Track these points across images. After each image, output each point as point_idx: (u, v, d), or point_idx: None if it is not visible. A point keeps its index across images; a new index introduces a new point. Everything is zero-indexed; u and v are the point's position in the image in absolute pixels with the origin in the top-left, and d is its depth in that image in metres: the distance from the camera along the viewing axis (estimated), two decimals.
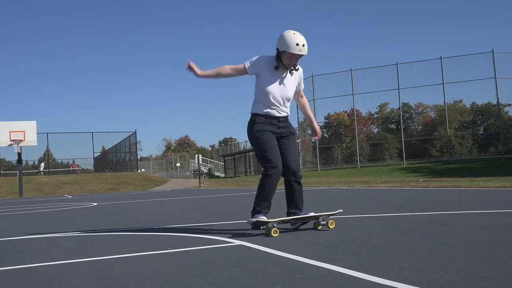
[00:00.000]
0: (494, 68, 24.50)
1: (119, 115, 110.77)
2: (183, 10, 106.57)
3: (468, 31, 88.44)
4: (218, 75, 4.04)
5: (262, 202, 3.91)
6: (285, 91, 3.99)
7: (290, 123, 4.16)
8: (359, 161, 30.49)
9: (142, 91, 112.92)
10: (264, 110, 3.96)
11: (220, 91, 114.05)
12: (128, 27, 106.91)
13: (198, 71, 3.97)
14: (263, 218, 3.84)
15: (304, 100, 4.36)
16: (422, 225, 4.08)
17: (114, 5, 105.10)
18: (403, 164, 26.80)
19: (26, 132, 22.87)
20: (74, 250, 3.60)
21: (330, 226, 3.98)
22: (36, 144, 24.37)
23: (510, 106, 29.47)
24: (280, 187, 3.95)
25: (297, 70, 4.07)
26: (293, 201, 4.03)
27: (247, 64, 3.96)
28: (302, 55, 3.88)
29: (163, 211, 7.78)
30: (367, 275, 2.25)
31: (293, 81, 4.07)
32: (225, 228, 4.49)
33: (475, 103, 33.67)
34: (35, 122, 23.62)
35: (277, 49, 3.89)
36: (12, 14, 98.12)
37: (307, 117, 4.38)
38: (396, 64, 26.97)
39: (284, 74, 4.00)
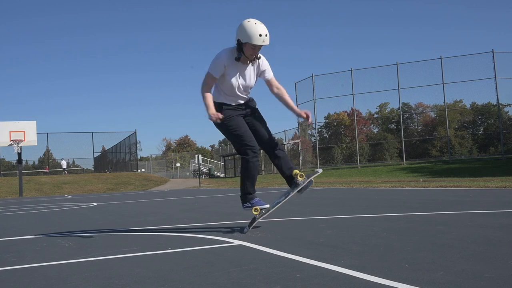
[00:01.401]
0: (494, 68, 24.49)
1: (119, 115, 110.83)
2: (184, 10, 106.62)
3: (468, 31, 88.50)
4: (211, 99, 4.02)
5: (251, 186, 4.02)
6: (247, 82, 4.01)
7: (251, 99, 4.18)
8: (359, 161, 30.48)
9: (142, 91, 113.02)
10: (230, 101, 4.03)
11: None
12: (128, 27, 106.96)
13: (214, 111, 3.93)
14: (266, 205, 4.00)
15: (281, 90, 4.16)
16: (422, 225, 4.08)
17: (114, 5, 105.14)
18: (403, 164, 26.80)
19: (26, 132, 22.87)
20: (74, 250, 3.60)
21: (300, 178, 4.07)
22: (36, 144, 24.37)
23: (510, 106, 29.43)
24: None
25: (259, 58, 4.01)
26: (284, 165, 4.11)
27: (213, 74, 3.94)
28: (265, 45, 3.82)
29: (163, 211, 7.78)
30: (367, 275, 2.25)
31: (254, 70, 4.05)
32: (225, 228, 4.49)
33: (475, 103, 33.67)
34: (35, 122, 23.63)
35: (238, 40, 3.82)
36: (12, 14, 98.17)
37: (286, 106, 4.15)
38: (396, 64, 26.97)
39: (246, 65, 3.98)
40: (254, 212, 4.02)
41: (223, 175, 45.90)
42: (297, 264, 2.62)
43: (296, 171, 4.07)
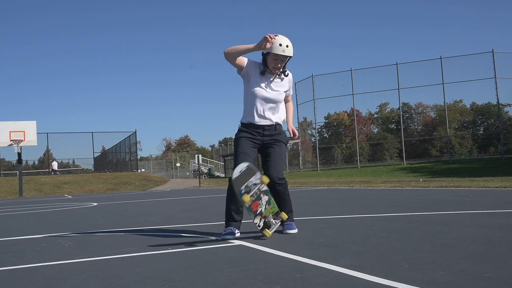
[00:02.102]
0: (494, 68, 24.51)
1: (119, 115, 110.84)
2: (184, 10, 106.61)
3: (468, 31, 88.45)
4: (234, 55, 3.82)
5: (232, 209, 3.81)
6: (271, 97, 3.86)
7: (281, 131, 4.00)
8: (359, 161, 30.49)
9: (142, 91, 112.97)
10: (248, 119, 3.89)
11: (220, 91, 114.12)
12: (128, 27, 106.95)
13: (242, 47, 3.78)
14: (229, 237, 3.73)
15: (289, 104, 4.16)
16: (422, 225, 4.08)
17: (114, 5, 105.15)
18: (403, 164, 26.81)
19: (26, 132, 22.87)
20: (74, 250, 3.60)
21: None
22: (36, 144, 24.37)
23: (510, 106, 29.45)
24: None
25: (286, 75, 3.93)
26: (281, 206, 3.86)
27: (246, 62, 3.86)
28: (287, 56, 3.75)
29: (163, 211, 7.78)
30: (367, 275, 2.25)
31: (280, 86, 3.92)
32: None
33: (475, 103, 33.68)
34: (35, 122, 23.62)
35: (262, 52, 3.79)
36: (12, 14, 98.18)
37: (286, 119, 4.15)
38: (396, 64, 26.98)
39: (271, 79, 3.88)
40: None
41: (223, 175, 45.90)
42: (297, 264, 2.62)
43: (284, 215, 3.78)
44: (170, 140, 78.29)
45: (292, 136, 4.07)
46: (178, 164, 49.19)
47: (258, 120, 3.87)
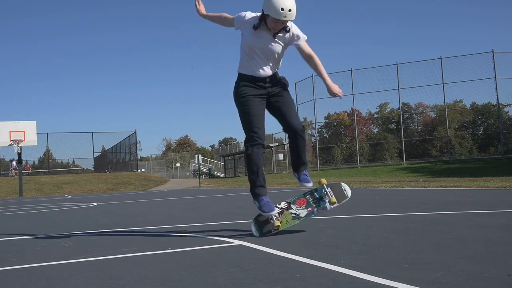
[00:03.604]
0: (494, 68, 24.49)
1: (119, 115, 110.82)
2: (184, 10, 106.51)
3: (468, 31, 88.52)
4: (215, 20, 3.85)
5: (256, 178, 3.72)
6: (269, 49, 3.65)
7: (280, 77, 3.83)
8: (359, 161, 30.48)
9: (142, 90, 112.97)
10: (249, 71, 3.71)
11: (220, 91, 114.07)
12: (128, 26, 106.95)
13: (203, 11, 3.87)
14: (272, 212, 3.66)
15: (313, 57, 3.75)
16: (422, 225, 4.08)
17: (114, 3, 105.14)
18: (403, 164, 26.80)
19: (26, 132, 22.87)
20: (74, 250, 3.60)
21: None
22: (36, 144, 24.38)
23: (510, 106, 29.48)
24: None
25: (288, 30, 3.63)
26: (299, 156, 3.86)
27: (235, 18, 3.72)
28: (289, 20, 3.49)
29: (163, 211, 7.78)
30: (367, 275, 2.25)
31: (279, 39, 3.66)
32: (225, 228, 4.49)
33: (475, 103, 33.69)
34: (35, 122, 23.64)
35: (262, 9, 3.52)
36: (11, 13, 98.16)
37: (320, 76, 3.82)
38: (396, 64, 26.97)
39: (269, 33, 3.63)
40: (273, 227, 3.71)
41: (223, 175, 45.89)
42: (297, 264, 2.62)
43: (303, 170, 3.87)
44: (170, 140, 78.35)
45: (334, 95, 3.74)
46: (178, 164, 49.20)
47: (259, 73, 3.71)
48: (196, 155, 29.82)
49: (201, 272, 2.54)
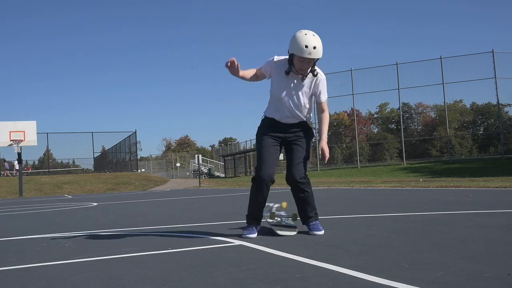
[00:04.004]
0: (494, 68, 24.51)
1: (119, 115, 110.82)
2: (184, 9, 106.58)
3: (468, 31, 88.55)
4: (250, 78, 3.76)
5: (253, 210, 3.80)
6: (296, 98, 3.68)
7: (306, 126, 3.85)
8: (359, 161, 30.49)
9: (142, 90, 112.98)
10: (272, 115, 3.76)
11: (220, 91, 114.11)
12: (128, 26, 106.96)
13: (240, 72, 3.66)
14: (249, 236, 3.73)
15: (324, 115, 3.88)
16: (422, 225, 4.08)
17: (115, 3, 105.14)
18: (403, 164, 26.81)
19: (26, 132, 22.86)
20: (74, 250, 3.60)
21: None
22: (36, 144, 24.36)
23: (510, 106, 29.53)
24: (288, 187, 3.96)
25: (315, 75, 3.67)
26: (303, 209, 3.85)
27: (264, 67, 3.72)
28: (314, 59, 3.50)
29: (163, 211, 7.78)
30: (367, 275, 2.25)
31: (306, 86, 3.70)
32: (225, 228, 4.49)
33: (475, 103, 33.72)
34: (35, 122, 23.61)
35: (288, 51, 3.56)
36: (12, 13, 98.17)
37: (319, 132, 3.93)
38: (396, 64, 26.98)
39: (297, 80, 3.65)
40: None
41: (223, 175, 45.90)
42: (297, 264, 2.62)
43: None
44: (170, 140, 78.38)
45: (321, 156, 3.82)
46: (178, 164, 49.21)
47: (280, 119, 3.75)
48: (196, 155, 29.82)
49: (201, 272, 2.54)
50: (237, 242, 3.54)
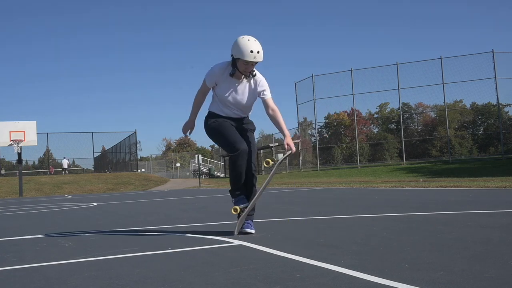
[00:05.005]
0: (494, 68, 24.49)
1: (119, 115, 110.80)
2: (184, 10, 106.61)
3: (468, 31, 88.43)
4: (201, 103, 4.16)
5: (236, 184, 3.97)
6: (239, 98, 3.94)
7: (250, 121, 4.14)
8: (359, 161, 30.48)
9: (142, 91, 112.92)
10: (219, 112, 4.00)
11: None
12: (128, 27, 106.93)
13: (196, 115, 4.16)
14: (242, 205, 3.94)
15: (275, 112, 3.98)
16: (422, 225, 4.08)
17: (115, 4, 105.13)
18: (403, 164, 26.79)
19: (26, 132, 22.85)
20: (74, 250, 3.60)
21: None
22: (36, 144, 24.36)
23: (510, 106, 29.45)
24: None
25: (254, 76, 3.92)
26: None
27: (206, 83, 3.98)
28: (257, 62, 3.79)
29: (163, 211, 7.78)
30: (367, 275, 2.25)
31: (250, 87, 3.96)
32: (225, 228, 4.49)
33: (475, 103, 33.68)
34: (35, 122, 23.61)
35: (232, 55, 3.82)
36: (12, 13, 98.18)
37: (278, 128, 4.04)
38: (396, 64, 26.97)
39: (240, 81, 3.92)
40: (233, 212, 4.01)
41: (223, 175, 45.88)
42: (297, 264, 2.62)
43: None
44: (170, 140, 78.32)
45: (288, 151, 3.95)
46: (178, 164, 49.20)
47: (231, 115, 4.02)
48: (196, 155, 29.82)
49: (201, 272, 2.54)
50: (237, 242, 3.54)
